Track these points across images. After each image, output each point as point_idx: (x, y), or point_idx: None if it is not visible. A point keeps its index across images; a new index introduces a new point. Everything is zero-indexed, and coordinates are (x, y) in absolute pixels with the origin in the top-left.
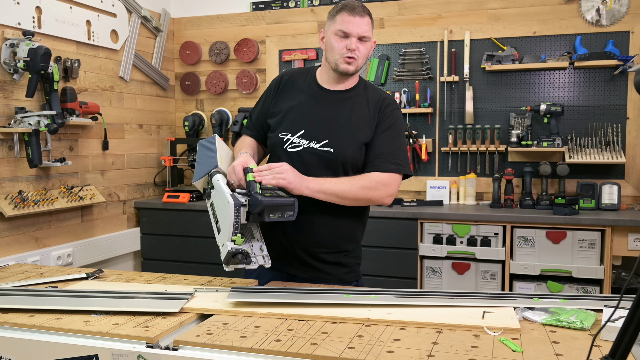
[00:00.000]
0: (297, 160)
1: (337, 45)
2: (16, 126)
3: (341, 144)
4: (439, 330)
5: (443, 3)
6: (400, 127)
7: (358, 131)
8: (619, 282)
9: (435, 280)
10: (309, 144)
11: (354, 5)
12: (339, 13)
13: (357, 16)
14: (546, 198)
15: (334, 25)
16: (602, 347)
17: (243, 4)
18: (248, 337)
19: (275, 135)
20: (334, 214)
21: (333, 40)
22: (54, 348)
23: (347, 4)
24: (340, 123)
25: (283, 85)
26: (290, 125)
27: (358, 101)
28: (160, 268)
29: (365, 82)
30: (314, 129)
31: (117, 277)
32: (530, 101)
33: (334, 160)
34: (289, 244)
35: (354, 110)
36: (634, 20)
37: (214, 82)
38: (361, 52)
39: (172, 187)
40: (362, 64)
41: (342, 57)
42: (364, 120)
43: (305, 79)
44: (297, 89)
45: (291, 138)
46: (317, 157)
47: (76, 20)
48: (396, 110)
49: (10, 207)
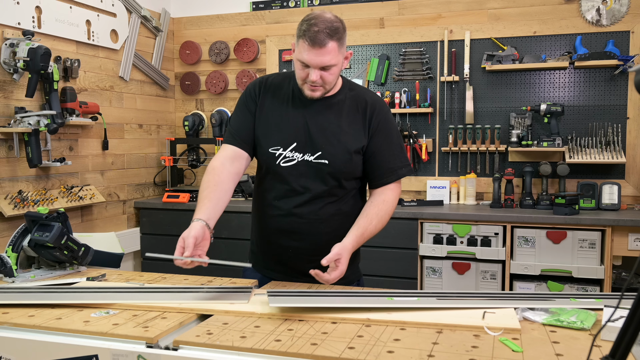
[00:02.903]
0: (292, 174)
1: (299, 72)
2: (16, 126)
3: (336, 155)
4: (439, 330)
5: (443, 3)
6: (393, 126)
7: (350, 140)
8: (619, 282)
9: (435, 280)
10: (303, 156)
11: (315, 34)
12: (301, 39)
13: (317, 47)
14: (546, 198)
15: (296, 50)
16: (603, 347)
17: (243, 4)
18: (248, 337)
19: (265, 151)
20: (335, 225)
21: (296, 64)
22: (54, 348)
23: (309, 29)
24: (332, 132)
25: (265, 91)
26: (279, 139)
27: (346, 106)
28: (160, 268)
29: (349, 83)
30: (306, 141)
31: (117, 277)
32: (530, 101)
33: (330, 172)
34: (293, 254)
35: (343, 116)
36: (634, 20)
37: (214, 82)
38: (326, 79)
39: (172, 187)
40: (331, 86)
41: (305, 84)
42: (355, 127)
43: (287, 86)
44: (280, 97)
45: (283, 152)
46: (312, 169)
47: (76, 20)
48: (386, 111)
49: (10, 207)
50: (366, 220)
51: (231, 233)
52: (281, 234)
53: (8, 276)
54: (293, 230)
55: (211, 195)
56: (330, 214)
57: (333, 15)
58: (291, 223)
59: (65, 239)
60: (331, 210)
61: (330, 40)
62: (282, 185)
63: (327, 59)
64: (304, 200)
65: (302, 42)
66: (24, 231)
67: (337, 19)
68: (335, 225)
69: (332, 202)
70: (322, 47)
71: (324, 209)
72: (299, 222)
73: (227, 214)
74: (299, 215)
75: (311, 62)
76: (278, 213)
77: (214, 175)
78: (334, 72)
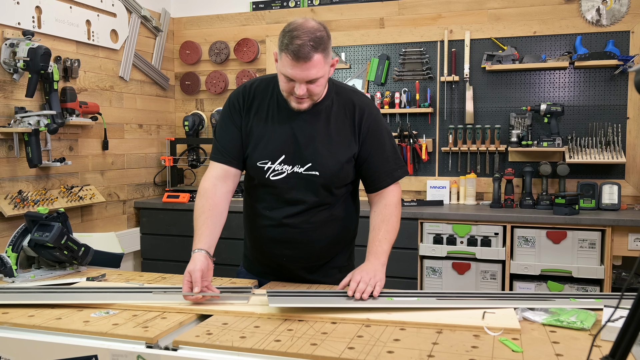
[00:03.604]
0: (282, 187)
1: (283, 85)
2: (16, 126)
3: (326, 166)
4: (439, 331)
5: (443, 3)
6: (383, 128)
7: (340, 149)
8: (619, 282)
9: (435, 280)
10: (292, 168)
11: (299, 48)
12: (284, 52)
13: (301, 61)
14: (546, 198)
15: (279, 62)
16: (602, 347)
17: (243, 4)
18: (248, 337)
19: (253, 165)
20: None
21: (280, 77)
22: (54, 348)
23: (291, 42)
24: (321, 142)
25: (249, 101)
26: (267, 152)
27: (334, 112)
28: (160, 268)
29: (334, 86)
30: (295, 153)
31: (117, 277)
32: (530, 101)
33: (321, 183)
34: (287, 261)
35: (331, 123)
36: (634, 20)
37: (214, 81)
38: (312, 91)
39: (172, 187)
40: (319, 98)
41: (291, 96)
42: (345, 134)
43: (272, 94)
44: (264, 107)
45: (272, 166)
46: (303, 181)
47: (76, 20)
48: (375, 113)
49: (10, 207)
50: (372, 233)
51: (231, 233)
52: (274, 243)
53: (8, 276)
54: (285, 239)
55: (208, 222)
56: (322, 221)
57: (316, 23)
58: (283, 232)
59: (65, 239)
60: (323, 217)
61: (315, 53)
62: (273, 197)
63: (312, 72)
64: (296, 211)
65: (285, 56)
66: (24, 231)
67: (320, 27)
68: (328, 231)
69: (324, 209)
70: (306, 61)
71: (316, 217)
72: (291, 231)
73: (228, 214)
74: (290, 225)
75: (296, 77)
76: (269, 223)
77: (207, 198)
78: (320, 84)
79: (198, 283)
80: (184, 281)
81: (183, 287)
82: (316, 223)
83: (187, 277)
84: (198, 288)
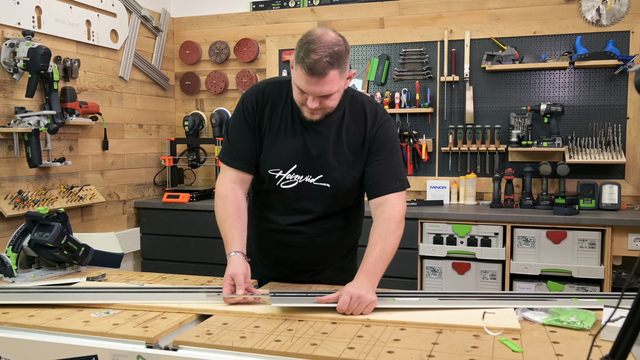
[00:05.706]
0: (292, 195)
1: (297, 96)
2: (16, 126)
3: (337, 178)
4: (439, 331)
5: (443, 3)
6: (392, 137)
7: (352, 161)
8: (619, 282)
9: (435, 280)
10: (303, 178)
11: (314, 63)
12: (299, 64)
13: (316, 77)
14: (546, 198)
15: (294, 73)
16: (602, 347)
17: (243, 4)
18: (248, 337)
19: (264, 172)
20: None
21: (294, 88)
22: (54, 348)
23: (307, 55)
24: (333, 154)
25: (262, 105)
26: (279, 160)
27: (345, 123)
28: (160, 268)
29: (347, 94)
30: (307, 163)
31: (117, 277)
32: (530, 101)
33: (332, 194)
34: (290, 264)
35: (343, 134)
36: (634, 20)
37: (214, 81)
38: (326, 104)
39: (172, 187)
40: (332, 110)
41: (304, 106)
42: (355, 145)
43: (285, 101)
44: (278, 114)
45: (283, 175)
46: (313, 192)
47: (76, 20)
48: (387, 122)
49: (10, 207)
50: (368, 249)
51: None
52: (279, 247)
53: (8, 276)
54: (291, 244)
55: (236, 224)
56: (329, 228)
57: (335, 36)
58: (289, 238)
59: (65, 239)
60: (329, 225)
61: (330, 70)
62: (281, 204)
63: (326, 88)
64: (303, 220)
65: (300, 69)
66: (24, 231)
67: (339, 40)
68: (334, 238)
69: (331, 218)
70: (321, 77)
71: (322, 225)
72: (297, 237)
73: None
74: (297, 232)
75: (309, 91)
76: (276, 227)
77: (229, 201)
78: (335, 98)
79: (242, 286)
80: (225, 284)
81: (224, 289)
82: (322, 230)
83: (229, 281)
84: (242, 290)
